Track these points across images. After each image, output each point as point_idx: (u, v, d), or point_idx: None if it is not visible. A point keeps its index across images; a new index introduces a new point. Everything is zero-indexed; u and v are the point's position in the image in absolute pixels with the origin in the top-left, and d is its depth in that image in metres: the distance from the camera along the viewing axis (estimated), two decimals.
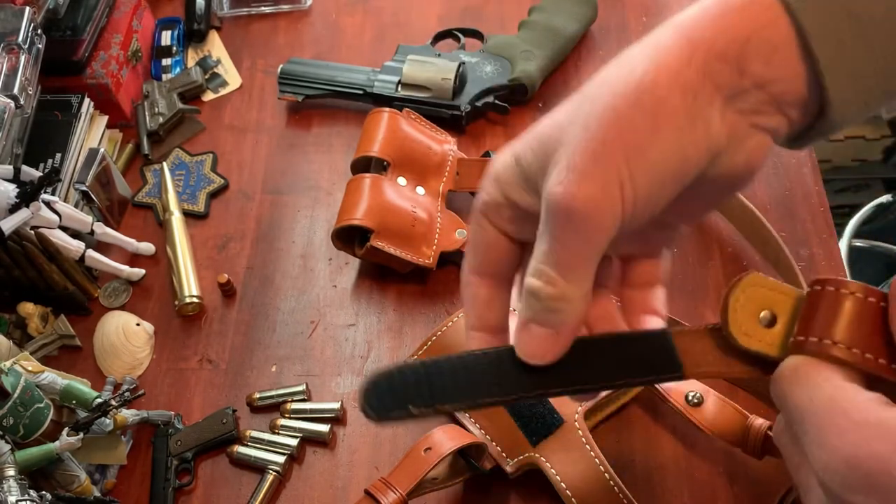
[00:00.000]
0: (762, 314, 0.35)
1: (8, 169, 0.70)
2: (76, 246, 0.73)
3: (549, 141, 0.37)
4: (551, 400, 0.62)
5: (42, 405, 0.61)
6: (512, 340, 0.38)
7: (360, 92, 0.86)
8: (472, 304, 0.41)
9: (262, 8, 0.97)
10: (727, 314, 0.36)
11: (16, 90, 0.72)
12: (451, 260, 0.75)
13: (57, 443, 0.60)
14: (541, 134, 0.38)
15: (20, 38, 0.74)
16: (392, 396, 0.35)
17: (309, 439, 0.68)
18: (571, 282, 0.36)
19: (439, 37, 0.91)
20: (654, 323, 0.41)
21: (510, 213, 0.39)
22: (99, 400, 0.62)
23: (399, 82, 0.85)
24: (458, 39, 0.90)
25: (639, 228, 0.37)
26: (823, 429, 0.31)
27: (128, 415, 0.66)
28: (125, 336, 0.73)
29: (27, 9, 0.76)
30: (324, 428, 0.67)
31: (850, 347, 0.32)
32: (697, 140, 0.35)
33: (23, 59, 0.73)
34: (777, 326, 0.35)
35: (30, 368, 0.62)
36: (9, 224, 0.67)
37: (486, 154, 0.79)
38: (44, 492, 0.57)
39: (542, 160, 0.37)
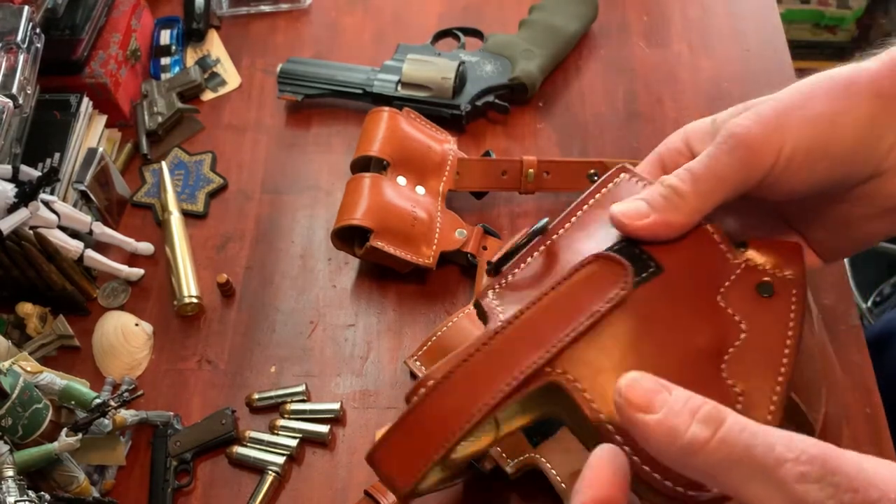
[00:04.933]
0: None
1: (6, 168, 0.69)
2: (75, 246, 0.73)
3: (749, 105, 0.46)
4: None
5: (41, 406, 0.60)
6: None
7: (360, 91, 0.86)
8: None
9: (262, 7, 0.97)
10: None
11: (14, 89, 0.71)
12: (450, 260, 0.74)
13: (56, 443, 0.59)
14: (746, 103, 0.47)
15: (19, 38, 0.73)
16: None
17: (308, 440, 0.68)
18: (698, 193, 0.43)
19: (439, 36, 0.91)
20: None
21: (683, 161, 0.47)
22: (98, 400, 0.62)
23: (399, 81, 0.84)
24: (458, 38, 0.90)
25: (776, 197, 0.45)
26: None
27: (127, 415, 0.66)
28: (124, 336, 0.72)
29: (26, 8, 0.75)
30: (323, 429, 0.67)
31: None
32: (869, 143, 0.42)
33: (21, 58, 0.73)
34: None
35: (28, 369, 0.62)
36: (7, 224, 0.67)
37: (487, 153, 0.79)
38: (42, 492, 0.57)
39: (735, 115, 0.45)
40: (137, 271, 0.78)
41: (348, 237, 0.74)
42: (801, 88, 0.45)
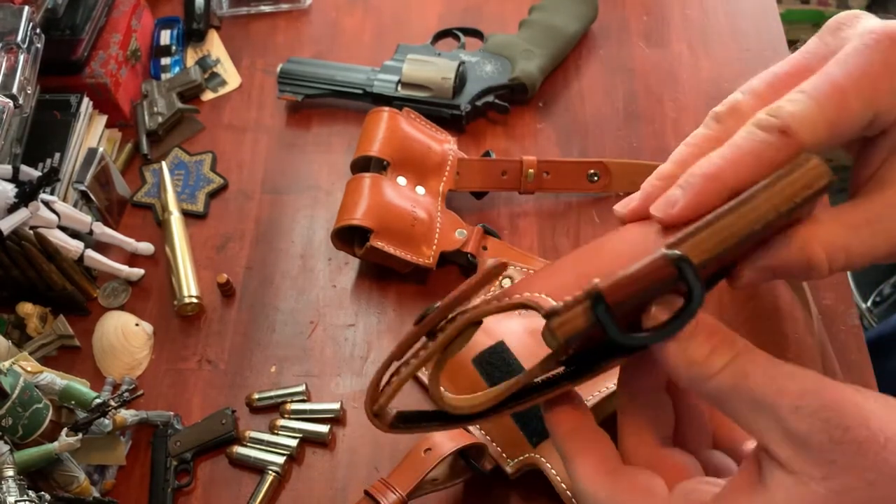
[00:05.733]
0: None
1: (7, 168, 0.69)
2: (75, 246, 0.73)
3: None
4: None
5: (41, 406, 0.60)
6: None
7: (360, 91, 0.86)
8: None
9: (262, 7, 0.97)
10: None
11: (14, 90, 0.71)
12: (451, 260, 0.74)
13: (56, 443, 0.59)
14: None
15: (19, 38, 0.73)
16: None
17: (308, 440, 0.68)
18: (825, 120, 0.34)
19: (439, 36, 0.91)
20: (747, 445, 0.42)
21: None
22: (98, 400, 0.62)
23: (399, 82, 0.84)
24: (458, 39, 0.90)
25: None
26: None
27: (127, 415, 0.66)
28: (124, 336, 0.72)
29: (26, 8, 0.75)
30: (323, 428, 0.67)
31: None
32: None
33: (21, 58, 0.73)
34: None
35: (29, 369, 0.62)
36: (8, 224, 0.67)
37: (487, 153, 0.79)
38: (42, 492, 0.57)
39: None
40: (137, 271, 0.78)
41: (348, 237, 0.74)
42: None
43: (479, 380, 0.62)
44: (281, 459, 0.66)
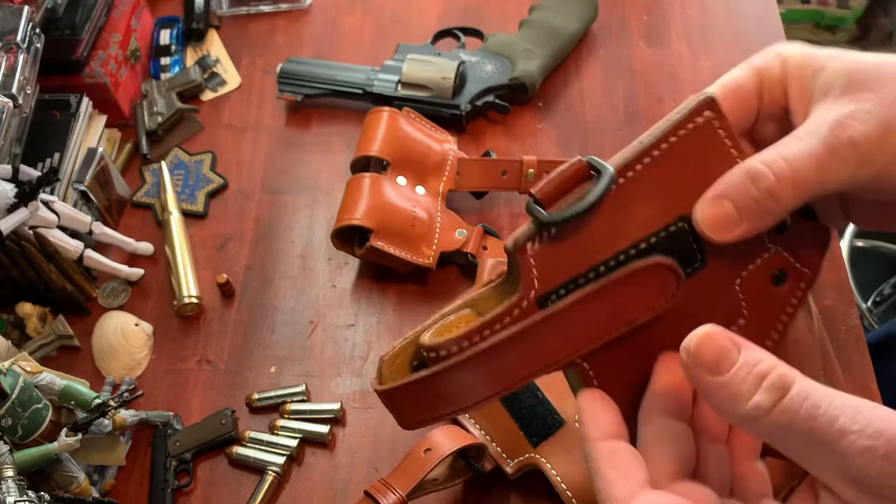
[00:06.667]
0: None
1: (6, 168, 0.69)
2: (75, 246, 0.73)
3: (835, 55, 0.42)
4: (552, 401, 0.61)
5: (40, 406, 0.60)
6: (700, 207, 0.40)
7: (360, 91, 0.85)
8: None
9: (262, 7, 0.97)
10: None
11: (14, 89, 0.71)
12: (451, 260, 0.74)
13: (55, 443, 0.59)
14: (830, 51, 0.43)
15: (19, 38, 0.73)
16: None
17: (308, 440, 0.68)
18: (796, 197, 0.38)
19: (439, 36, 0.91)
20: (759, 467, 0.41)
21: (780, 96, 0.44)
22: (97, 400, 0.62)
23: (399, 81, 0.84)
24: (458, 38, 0.90)
25: (871, 197, 0.40)
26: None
27: (126, 415, 0.66)
28: (124, 336, 0.72)
29: (26, 8, 0.75)
30: (323, 429, 0.67)
31: None
32: None
33: (21, 58, 0.73)
34: None
35: (28, 369, 0.62)
36: (7, 224, 0.67)
37: (487, 153, 0.79)
38: (42, 492, 0.57)
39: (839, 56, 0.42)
40: (137, 271, 0.78)
41: (348, 237, 0.73)
42: None
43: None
44: (281, 460, 0.66)
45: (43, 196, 0.71)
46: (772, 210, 0.38)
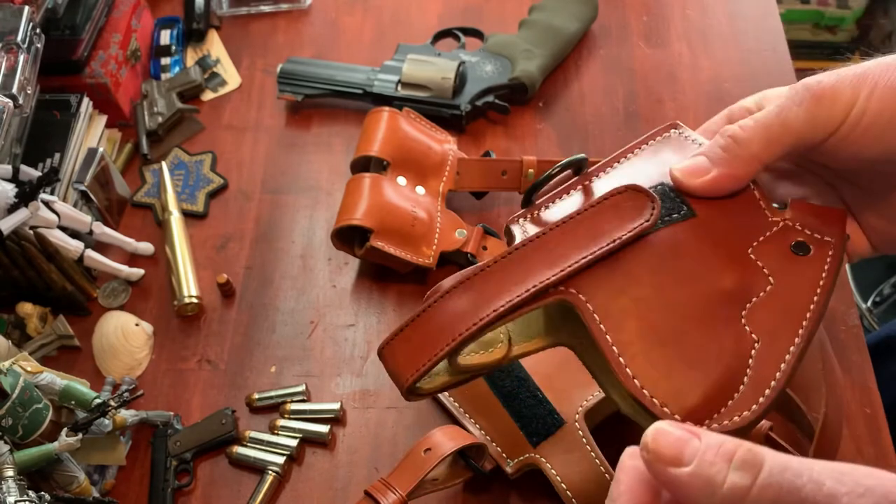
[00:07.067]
0: None
1: (7, 168, 0.69)
2: (75, 246, 0.73)
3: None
4: (552, 401, 0.61)
5: (41, 406, 0.60)
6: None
7: (360, 91, 0.86)
8: None
9: (262, 7, 0.97)
10: None
11: (14, 89, 0.71)
12: (451, 260, 0.74)
13: (56, 443, 0.59)
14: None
15: (19, 38, 0.73)
16: None
17: (308, 440, 0.68)
18: (761, 139, 0.43)
19: (439, 36, 0.91)
20: None
21: None
22: (98, 400, 0.62)
23: (399, 81, 0.84)
24: (458, 38, 0.90)
25: (838, 163, 0.46)
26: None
27: (127, 415, 0.66)
28: (124, 336, 0.72)
29: (26, 8, 0.75)
30: (323, 429, 0.67)
31: None
32: None
33: (21, 58, 0.73)
34: None
35: (28, 369, 0.62)
36: (7, 224, 0.67)
37: (487, 153, 0.79)
38: (42, 492, 0.57)
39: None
40: (137, 271, 0.78)
41: (348, 237, 0.74)
42: (889, 60, 0.44)
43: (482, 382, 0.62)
44: (281, 459, 0.66)
45: (43, 196, 0.71)
46: (737, 153, 0.44)
